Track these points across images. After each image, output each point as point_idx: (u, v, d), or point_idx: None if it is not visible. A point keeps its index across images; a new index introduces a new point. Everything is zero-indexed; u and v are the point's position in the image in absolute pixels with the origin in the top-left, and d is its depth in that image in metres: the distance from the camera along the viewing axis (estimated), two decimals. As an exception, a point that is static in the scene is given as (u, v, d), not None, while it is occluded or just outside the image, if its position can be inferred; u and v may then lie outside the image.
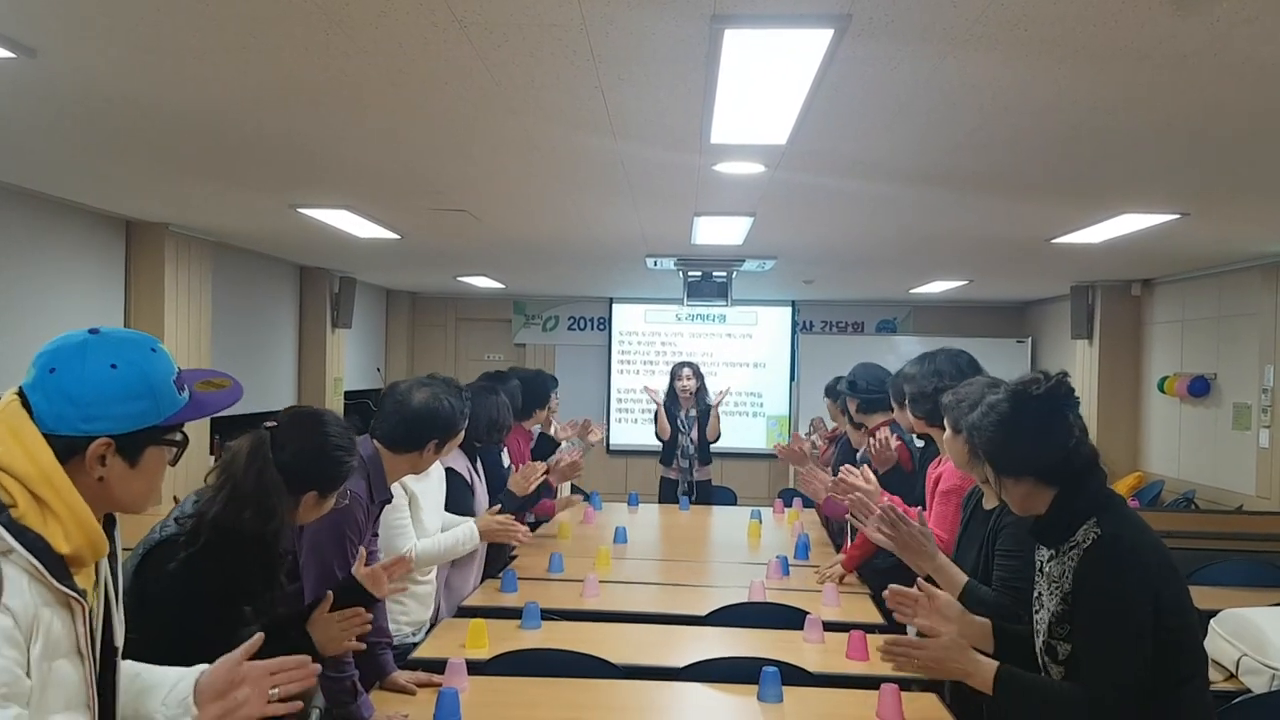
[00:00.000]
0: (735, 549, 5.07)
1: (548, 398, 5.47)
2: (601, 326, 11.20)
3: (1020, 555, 2.29)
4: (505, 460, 4.62)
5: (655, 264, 7.46)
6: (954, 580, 2.58)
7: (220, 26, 2.55)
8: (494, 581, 3.98)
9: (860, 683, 2.93)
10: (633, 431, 10.85)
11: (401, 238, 6.31)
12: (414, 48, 2.66)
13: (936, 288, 9.11)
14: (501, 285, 9.92)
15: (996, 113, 3.17)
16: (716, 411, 6.96)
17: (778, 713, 2.72)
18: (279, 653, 2.21)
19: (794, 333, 10.97)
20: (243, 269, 7.46)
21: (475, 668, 2.90)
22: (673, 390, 6.95)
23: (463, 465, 3.87)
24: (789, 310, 11.01)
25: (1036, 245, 6.10)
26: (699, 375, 6.92)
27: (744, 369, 11.01)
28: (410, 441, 2.89)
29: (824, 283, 9.06)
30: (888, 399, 3.73)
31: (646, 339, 11.14)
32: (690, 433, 6.88)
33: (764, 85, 2.93)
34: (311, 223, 5.74)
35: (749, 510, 5.92)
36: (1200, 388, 7.24)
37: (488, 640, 3.15)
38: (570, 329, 11.24)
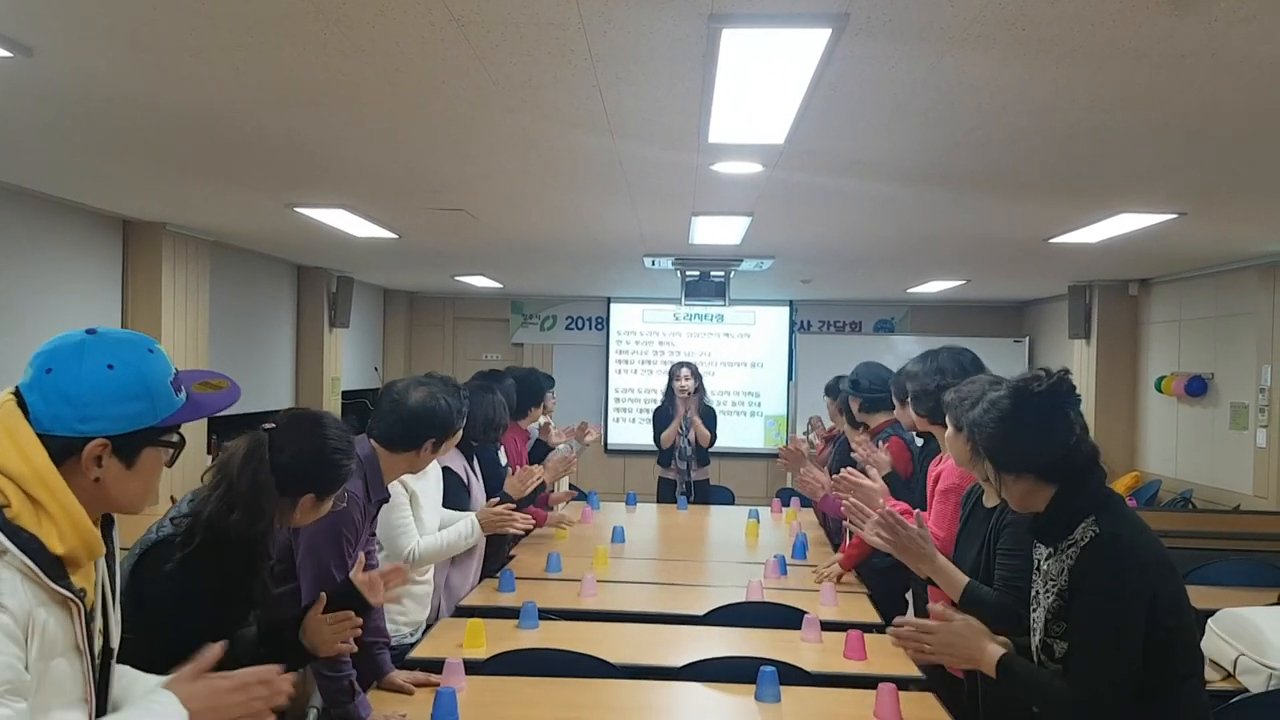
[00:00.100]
0: (733, 548, 5.07)
1: (542, 395, 5.45)
2: (599, 326, 11.19)
3: (1022, 554, 2.29)
4: (502, 459, 4.61)
5: (653, 263, 7.45)
6: (953, 581, 2.58)
7: (217, 26, 2.55)
8: (492, 581, 3.98)
9: (858, 682, 2.93)
10: (630, 431, 10.85)
11: (399, 237, 6.31)
12: (411, 47, 2.66)
13: (934, 287, 9.12)
14: (499, 285, 9.91)
15: (994, 112, 3.17)
16: (699, 423, 6.85)
17: (775, 712, 2.72)
18: (275, 654, 2.21)
19: (792, 332, 10.97)
20: (240, 268, 7.45)
21: (473, 667, 2.90)
22: (670, 390, 6.94)
23: (459, 464, 3.87)
24: (787, 310, 11.01)
25: (1034, 245, 6.10)
26: (697, 375, 6.89)
27: (742, 368, 11.02)
28: (407, 441, 2.88)
29: (822, 282, 9.06)
30: (890, 398, 3.73)
31: (644, 338, 11.14)
32: (688, 433, 6.86)
33: (762, 84, 2.92)
34: (309, 222, 5.74)
35: (747, 510, 5.91)
36: (1197, 387, 7.25)
37: (485, 640, 3.15)
38: (568, 328, 11.24)
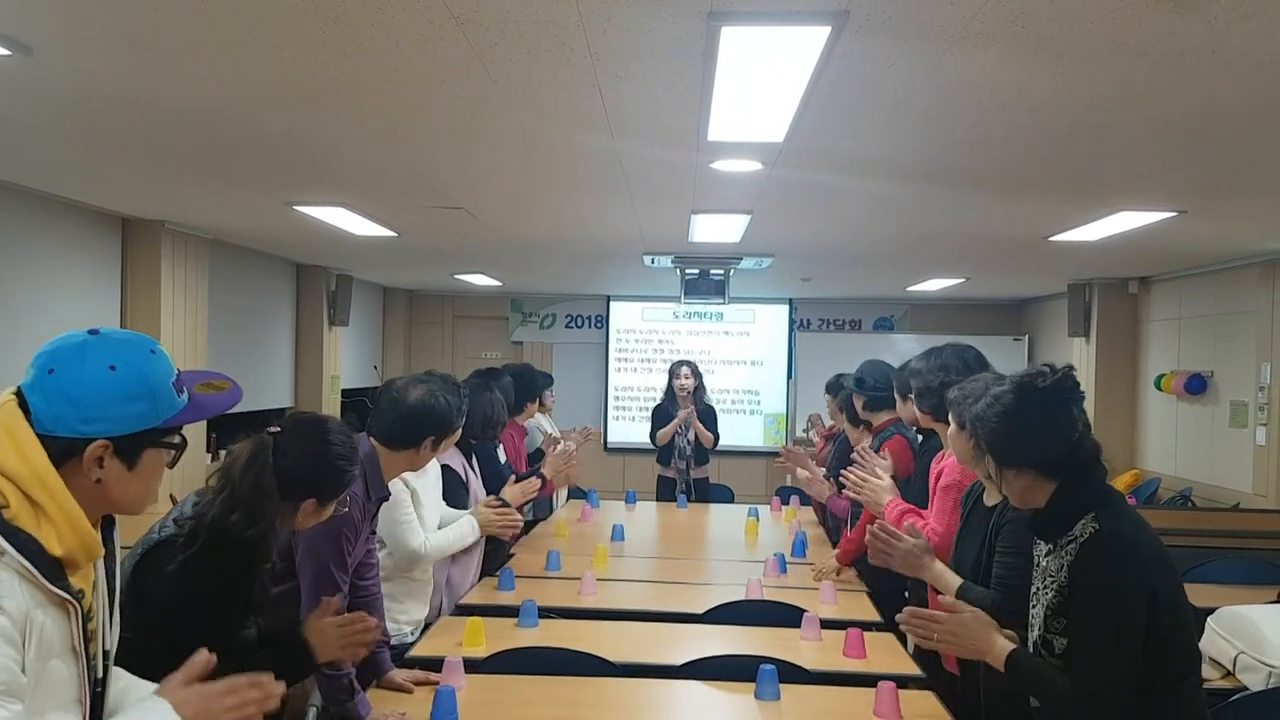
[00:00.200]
0: (732, 547, 5.07)
1: (537, 391, 5.44)
2: (599, 324, 11.19)
3: (1020, 553, 2.29)
4: (501, 457, 4.61)
5: (652, 262, 7.45)
6: (949, 585, 2.59)
7: (216, 24, 2.54)
8: (491, 579, 3.97)
9: (857, 680, 2.93)
10: (630, 429, 10.84)
11: (398, 236, 6.30)
12: (411, 45, 2.65)
13: (934, 285, 9.12)
14: (499, 283, 9.90)
15: (994, 110, 3.16)
16: (700, 427, 6.84)
17: (775, 710, 2.72)
18: (277, 659, 2.21)
19: (791, 330, 10.97)
20: (239, 266, 7.44)
21: (472, 666, 2.90)
22: (670, 389, 6.93)
23: (458, 462, 3.87)
24: (786, 308, 11.00)
25: (1034, 243, 6.09)
26: (697, 374, 6.89)
27: (741, 366, 11.01)
28: (406, 439, 2.88)
29: (821, 280, 9.05)
30: (893, 397, 3.74)
31: (644, 337, 11.14)
32: (687, 433, 6.85)
33: (761, 82, 2.92)
34: (308, 221, 5.73)
35: (746, 508, 5.91)
36: (1197, 385, 7.24)
37: (485, 638, 3.15)
38: (567, 327, 11.23)
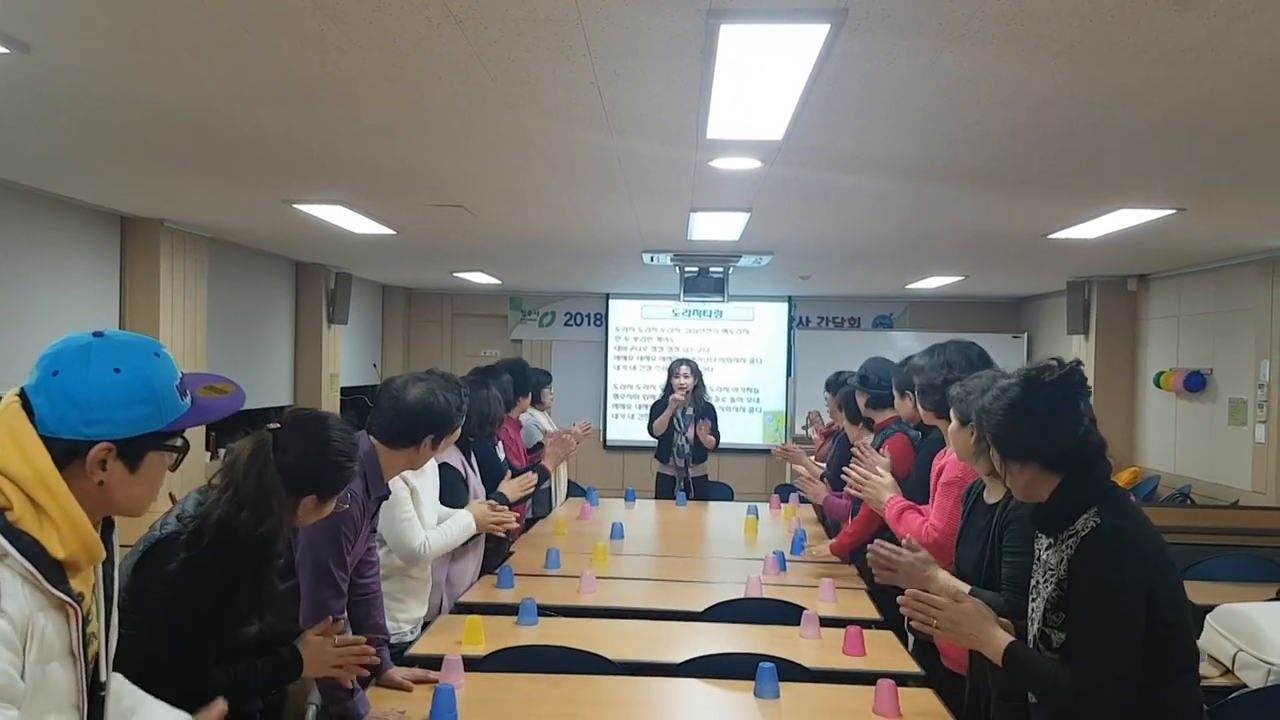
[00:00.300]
0: (732, 544, 5.07)
1: (531, 384, 5.44)
2: (598, 322, 11.19)
3: (1029, 551, 2.29)
4: (500, 454, 4.61)
5: (652, 259, 7.45)
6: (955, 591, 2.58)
7: (215, 22, 2.54)
8: (490, 577, 3.97)
9: (857, 678, 2.93)
10: (629, 427, 10.84)
11: (397, 234, 6.30)
12: (409, 43, 2.65)
13: (933, 283, 9.12)
14: (498, 281, 9.90)
15: (993, 107, 3.16)
16: (701, 432, 6.83)
17: (774, 708, 2.72)
18: (268, 665, 2.20)
19: (790, 328, 10.96)
20: (238, 265, 7.43)
21: (472, 664, 2.90)
22: (670, 388, 6.92)
23: (456, 459, 3.86)
24: (785, 305, 11.00)
25: (1033, 240, 6.09)
26: (697, 373, 6.89)
27: (741, 364, 11.01)
28: (406, 437, 2.87)
29: (820, 278, 9.05)
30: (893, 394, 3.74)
31: (643, 334, 11.14)
32: (686, 431, 6.85)
33: (760, 80, 2.92)
34: (307, 219, 5.73)
35: (745, 506, 5.92)
36: (1196, 383, 7.24)
37: (484, 637, 3.15)
38: (567, 324, 11.23)
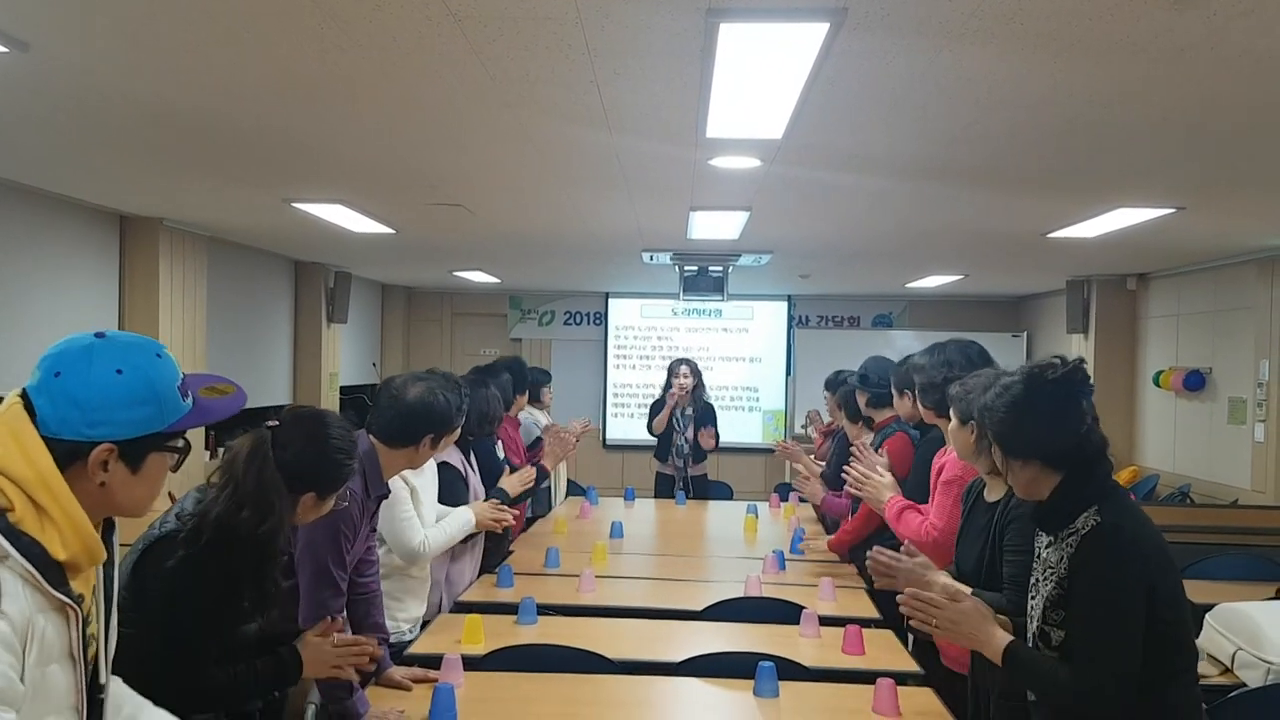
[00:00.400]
0: (731, 544, 5.07)
1: (526, 380, 5.44)
2: (597, 321, 11.19)
3: (1028, 550, 2.29)
4: (500, 453, 4.61)
5: (651, 259, 7.44)
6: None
7: (214, 20, 2.54)
8: (490, 576, 3.97)
9: (856, 677, 2.93)
10: (629, 426, 10.84)
11: (397, 232, 6.29)
12: (408, 41, 2.65)
13: (932, 282, 9.12)
14: (497, 280, 9.90)
15: (992, 106, 3.16)
16: (703, 437, 6.81)
17: (774, 707, 2.72)
18: (267, 665, 2.20)
19: (790, 327, 10.96)
20: (237, 264, 7.43)
21: (471, 663, 2.90)
22: (670, 387, 6.91)
23: (456, 458, 3.86)
24: (785, 305, 11.00)
25: (1032, 239, 6.09)
26: (697, 373, 6.88)
27: (740, 363, 11.01)
28: (406, 436, 2.87)
29: (820, 277, 9.05)
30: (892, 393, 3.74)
31: (643, 333, 11.14)
32: (686, 431, 6.85)
33: (760, 79, 2.92)
34: (306, 218, 5.73)
35: (745, 505, 5.91)
36: (1195, 382, 7.25)
37: (484, 636, 3.15)
38: (566, 324, 11.23)
